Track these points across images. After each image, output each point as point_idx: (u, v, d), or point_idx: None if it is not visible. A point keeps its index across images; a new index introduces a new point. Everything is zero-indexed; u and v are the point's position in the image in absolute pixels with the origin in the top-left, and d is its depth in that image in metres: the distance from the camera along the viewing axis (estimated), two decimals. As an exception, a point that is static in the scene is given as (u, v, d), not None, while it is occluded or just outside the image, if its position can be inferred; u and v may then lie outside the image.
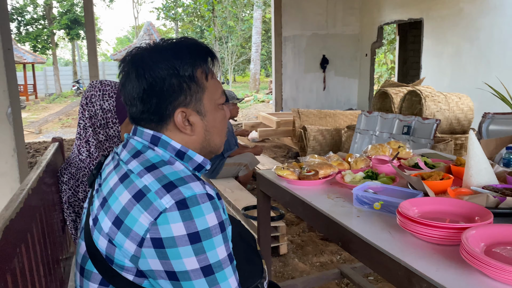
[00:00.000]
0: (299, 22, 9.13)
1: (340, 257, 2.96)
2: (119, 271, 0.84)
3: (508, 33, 5.87)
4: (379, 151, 1.90)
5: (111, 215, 0.83)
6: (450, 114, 4.26)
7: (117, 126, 1.60)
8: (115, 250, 0.83)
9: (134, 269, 0.83)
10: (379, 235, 1.21)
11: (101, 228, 0.85)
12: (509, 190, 1.35)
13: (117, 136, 1.62)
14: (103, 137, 1.59)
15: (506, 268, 0.89)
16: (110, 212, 0.84)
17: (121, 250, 0.82)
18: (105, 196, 0.87)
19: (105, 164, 0.99)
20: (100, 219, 0.85)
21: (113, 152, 0.99)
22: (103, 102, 1.56)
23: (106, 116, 1.57)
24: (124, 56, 0.92)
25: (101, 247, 0.85)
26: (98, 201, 0.88)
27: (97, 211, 0.87)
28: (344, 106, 9.57)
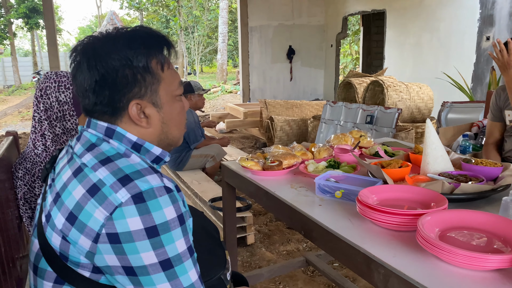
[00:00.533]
0: (266, 12, 9.11)
1: (306, 245, 3.00)
2: (75, 268, 0.81)
3: (466, 24, 6.07)
4: (342, 141, 1.92)
5: (65, 211, 0.81)
6: (411, 104, 4.39)
7: (74, 119, 1.54)
8: (70, 247, 0.80)
9: (90, 265, 0.81)
10: (340, 223, 1.23)
11: (54, 224, 0.82)
12: (463, 176, 1.40)
13: (75, 129, 1.57)
14: (60, 130, 1.53)
15: (459, 252, 0.93)
16: (64, 208, 0.81)
17: (76, 247, 0.79)
18: (58, 191, 0.84)
19: (59, 158, 0.95)
20: (53, 215, 0.82)
21: (67, 146, 0.96)
22: (59, 94, 1.50)
23: (62, 109, 1.51)
24: (75, 46, 0.89)
25: (55, 244, 0.82)
26: (51, 197, 0.85)
27: (50, 207, 0.84)
28: (311, 96, 9.67)
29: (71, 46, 18.35)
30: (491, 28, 5.76)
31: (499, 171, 1.46)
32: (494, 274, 0.92)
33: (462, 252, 0.92)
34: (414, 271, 0.96)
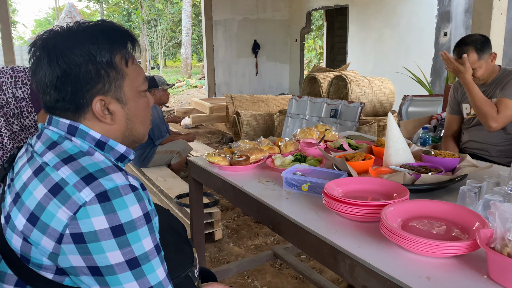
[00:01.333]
0: (230, 6, 9.07)
1: (273, 238, 3.03)
2: (37, 270, 0.79)
3: (425, 20, 6.28)
4: (307, 135, 1.95)
5: (25, 211, 0.78)
6: (373, 98, 4.50)
7: (33, 116, 1.48)
8: (31, 249, 0.77)
9: (53, 267, 0.78)
10: (307, 216, 1.25)
11: (15, 226, 0.78)
12: (424, 167, 1.45)
13: (33, 126, 1.51)
14: (18, 128, 1.47)
15: (420, 241, 0.97)
16: (24, 209, 0.78)
17: (38, 248, 0.77)
18: (18, 192, 0.81)
19: (17, 156, 0.92)
20: (13, 216, 0.79)
21: (27, 144, 0.92)
22: (16, 90, 1.44)
23: (20, 105, 1.45)
24: (34, 40, 0.85)
25: (15, 246, 0.79)
26: (11, 197, 0.82)
27: (9, 208, 0.81)
28: (276, 91, 9.73)
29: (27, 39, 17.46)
30: (448, 24, 5.98)
31: (457, 162, 1.52)
32: (453, 260, 0.97)
33: (423, 241, 0.96)
34: (378, 260, 0.99)
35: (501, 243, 0.87)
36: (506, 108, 2.11)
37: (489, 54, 2.19)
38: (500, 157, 2.27)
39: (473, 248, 0.95)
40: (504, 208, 0.87)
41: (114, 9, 21.36)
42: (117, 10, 21.11)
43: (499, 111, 2.12)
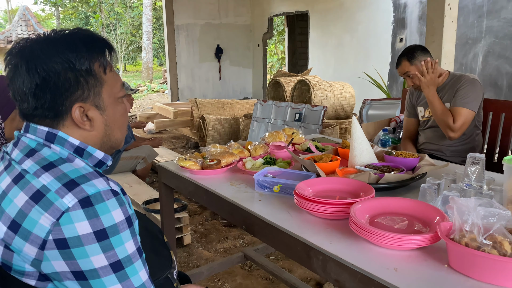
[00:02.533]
0: (192, 11, 9.05)
1: (243, 241, 3.07)
2: (19, 278, 0.79)
3: (382, 26, 6.53)
4: (276, 138, 2.01)
5: (6, 219, 0.78)
6: (335, 101, 4.64)
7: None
8: (13, 256, 0.78)
9: (36, 273, 0.79)
10: (279, 216, 1.30)
11: None
12: (386, 167, 1.54)
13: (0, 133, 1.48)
14: (-16, 136, 1.44)
15: (386, 235, 1.04)
16: (5, 216, 0.78)
17: (20, 255, 0.77)
18: None
19: None
20: None
21: (2, 152, 0.92)
22: (-19, 98, 1.41)
23: (-15, 113, 1.42)
24: (11, 49, 0.85)
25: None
26: None
27: None
28: (240, 95, 9.78)
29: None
30: (404, 30, 6.25)
31: (416, 161, 1.62)
32: (417, 252, 1.05)
33: (390, 235, 1.03)
34: (349, 254, 1.05)
35: (459, 234, 0.95)
36: (460, 116, 2.24)
37: (420, 61, 2.33)
38: (454, 156, 2.42)
39: (434, 240, 1.03)
40: (462, 202, 0.96)
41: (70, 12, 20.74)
42: (74, 13, 20.52)
43: (455, 121, 2.25)
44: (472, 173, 1.25)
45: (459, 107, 2.26)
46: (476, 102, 2.28)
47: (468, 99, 2.26)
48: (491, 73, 5.18)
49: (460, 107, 2.25)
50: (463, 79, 2.31)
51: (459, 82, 2.32)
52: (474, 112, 2.27)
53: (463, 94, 2.26)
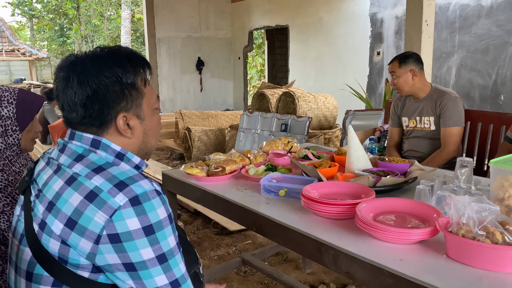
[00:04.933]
0: (173, 24, 9.16)
1: (235, 248, 3.15)
2: (74, 270, 0.87)
3: (360, 40, 6.79)
4: (273, 147, 2.12)
5: (62, 217, 0.86)
6: (319, 112, 4.81)
7: (17, 134, 1.51)
8: (69, 250, 0.86)
9: (90, 266, 0.87)
10: (288, 217, 1.41)
11: (51, 231, 0.86)
12: (382, 172, 1.67)
13: (16, 144, 1.53)
14: (2, 146, 1.50)
15: (391, 230, 1.16)
16: (61, 215, 0.86)
17: (77, 250, 0.85)
18: (50, 200, 0.89)
19: (37, 170, 0.99)
20: (48, 222, 0.87)
21: (45, 158, 1.00)
22: (1, 109, 1.47)
23: (5, 124, 1.48)
24: (61, 64, 0.94)
25: (53, 250, 0.86)
26: (43, 206, 0.89)
27: (43, 215, 0.88)
28: (221, 106, 9.90)
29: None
30: (381, 44, 6.52)
31: (407, 166, 1.76)
32: (418, 245, 1.17)
33: (394, 229, 1.16)
34: (357, 248, 1.16)
35: (456, 227, 1.08)
36: (452, 136, 2.49)
37: (409, 68, 2.54)
38: (437, 163, 2.59)
39: (434, 233, 1.15)
40: (458, 199, 1.09)
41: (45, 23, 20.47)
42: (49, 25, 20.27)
43: (447, 142, 2.49)
44: (461, 175, 1.39)
45: (450, 127, 2.49)
46: (462, 118, 2.52)
47: (456, 118, 2.49)
48: (464, 85, 5.47)
49: (451, 127, 2.49)
50: (446, 97, 2.52)
51: (441, 98, 2.53)
52: (463, 127, 2.52)
53: (449, 114, 2.49)
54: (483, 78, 5.28)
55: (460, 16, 5.41)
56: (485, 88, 5.27)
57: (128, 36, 16.44)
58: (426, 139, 2.65)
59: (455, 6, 5.45)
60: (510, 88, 5.03)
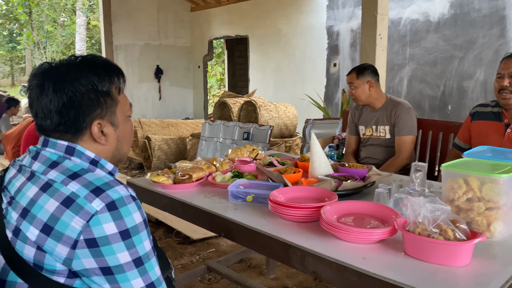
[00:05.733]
0: (131, 32, 9.05)
1: (199, 256, 3.15)
2: (50, 276, 0.87)
3: (317, 52, 7.01)
4: (239, 154, 2.17)
5: (38, 223, 0.86)
6: (280, 121, 4.92)
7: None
8: (45, 256, 0.86)
9: (66, 271, 0.87)
10: (256, 221, 1.45)
11: (26, 237, 0.86)
12: (343, 177, 1.76)
13: None
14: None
15: (353, 230, 1.24)
16: (36, 221, 0.86)
17: (53, 255, 0.86)
18: (25, 207, 0.89)
19: (8, 177, 0.98)
20: (23, 229, 0.87)
21: (16, 165, 0.99)
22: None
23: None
24: (35, 71, 0.95)
25: (28, 256, 0.86)
26: (16, 213, 0.89)
27: (17, 222, 0.88)
28: (181, 115, 9.83)
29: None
30: (337, 56, 6.76)
31: (366, 171, 1.87)
32: (378, 244, 1.25)
33: (356, 230, 1.23)
34: (323, 249, 1.23)
35: (413, 226, 1.17)
36: (405, 143, 2.65)
37: (366, 80, 2.69)
38: (392, 169, 2.74)
39: (393, 233, 1.24)
40: (414, 200, 1.18)
41: (-8, 28, 19.54)
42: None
43: (401, 149, 2.65)
44: (416, 178, 1.50)
45: (404, 136, 2.65)
46: (415, 127, 2.69)
47: (409, 127, 2.66)
48: (415, 96, 5.78)
49: (405, 136, 2.65)
50: (400, 108, 2.68)
51: (395, 108, 2.69)
52: (416, 136, 2.69)
53: (403, 123, 2.65)
54: (432, 89, 5.60)
55: (411, 31, 5.73)
56: (434, 98, 5.59)
57: (83, 43, 16.02)
58: (382, 146, 2.79)
59: (406, 21, 5.77)
60: (456, 98, 5.38)
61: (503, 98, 2.09)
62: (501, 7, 4.87)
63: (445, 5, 5.34)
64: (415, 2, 5.64)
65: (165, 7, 9.42)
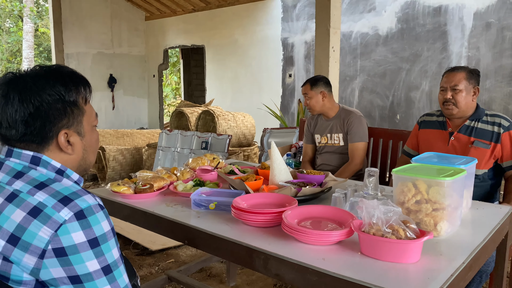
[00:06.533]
0: (83, 40, 8.82)
1: (158, 267, 3.12)
2: (16, 287, 0.86)
3: (273, 62, 7.16)
4: (200, 163, 2.20)
5: (4, 234, 0.86)
6: (238, 130, 4.97)
7: None
8: (12, 267, 0.85)
9: (33, 281, 0.87)
10: (220, 228, 1.49)
11: None
12: (302, 183, 1.84)
13: None
14: None
15: (313, 233, 1.30)
16: (2, 232, 0.86)
17: (20, 266, 0.85)
18: None
19: None
20: None
21: None
22: None
23: None
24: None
25: None
26: None
27: None
28: (135, 125, 9.66)
29: None
30: (292, 67, 6.94)
31: (323, 178, 1.95)
32: (336, 246, 1.32)
33: (316, 232, 1.30)
34: (285, 252, 1.28)
35: (368, 227, 1.26)
36: (358, 150, 2.79)
37: (319, 90, 2.82)
38: (346, 175, 2.87)
39: (349, 234, 1.32)
40: (368, 203, 1.27)
41: None
42: None
43: (354, 156, 2.78)
44: (370, 183, 1.60)
45: (356, 142, 2.79)
46: (366, 134, 2.84)
47: (361, 134, 2.80)
48: (366, 106, 6.04)
49: (357, 142, 2.78)
50: (352, 116, 2.83)
51: (348, 117, 2.83)
52: (367, 142, 2.83)
53: (355, 131, 2.79)
54: (382, 99, 5.88)
55: (361, 44, 6.00)
56: (384, 108, 5.87)
57: (31, 50, 15.37)
58: (336, 153, 2.92)
59: (356, 34, 6.04)
60: (404, 108, 5.68)
61: (447, 109, 2.26)
62: (443, 23, 5.22)
63: (393, 19, 5.65)
64: (365, 17, 5.92)
65: (119, 15, 9.27)
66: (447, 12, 5.18)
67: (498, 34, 4.82)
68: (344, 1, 6.04)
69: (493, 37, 4.86)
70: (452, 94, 2.22)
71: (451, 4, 5.14)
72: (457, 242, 1.37)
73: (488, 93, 4.93)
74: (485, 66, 4.92)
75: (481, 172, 2.19)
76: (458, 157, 1.75)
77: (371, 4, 5.84)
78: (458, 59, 5.14)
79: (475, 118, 2.25)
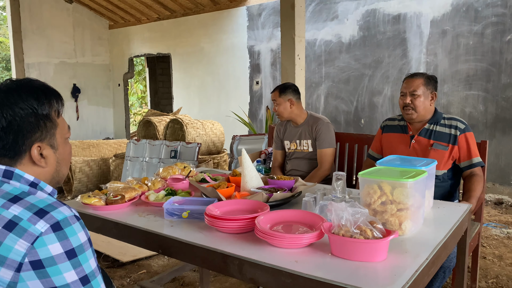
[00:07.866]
0: (44, 49, 8.61)
1: (130, 279, 3.08)
2: (-8, 303, 0.86)
3: (240, 70, 7.22)
4: (170, 172, 2.20)
5: None
6: (207, 138, 4.98)
7: None
8: None
9: (9, 296, 0.87)
10: (193, 235, 1.51)
11: None
12: (273, 188, 1.88)
13: None
14: None
15: (286, 236, 1.35)
16: None
17: (-5, 281, 0.85)
18: None
19: None
20: None
21: None
22: None
23: None
24: (-31, 95, 0.94)
25: None
26: None
27: None
28: (101, 135, 9.47)
29: None
30: (259, 74, 7.03)
31: (293, 183, 2.01)
32: (308, 248, 1.37)
33: (288, 236, 1.35)
34: (259, 256, 1.32)
35: (337, 228, 1.31)
36: (326, 155, 2.87)
37: (288, 98, 2.89)
38: (315, 179, 2.94)
39: (320, 236, 1.37)
40: (337, 205, 1.32)
41: None
42: None
43: (323, 161, 2.86)
44: (337, 186, 1.66)
45: (324, 148, 2.87)
46: (334, 140, 2.93)
47: (329, 140, 2.89)
48: (331, 111, 6.19)
49: (325, 148, 2.87)
50: (320, 123, 2.92)
51: (316, 123, 2.91)
52: (335, 148, 2.92)
53: (323, 137, 2.87)
54: (346, 104, 6.04)
55: (325, 51, 6.16)
56: (349, 113, 6.04)
57: (-13, 60, 14.79)
58: (306, 159, 2.99)
59: (320, 42, 6.19)
60: (368, 113, 5.86)
61: (407, 114, 2.37)
62: (402, 30, 5.45)
63: (355, 27, 5.84)
64: (328, 25, 6.09)
65: (82, 24, 9.11)
66: (405, 20, 5.41)
67: (453, 41, 5.08)
68: (308, 9, 6.18)
69: (448, 43, 5.11)
70: (411, 99, 2.33)
71: (409, 12, 5.37)
72: (421, 239, 1.45)
73: (446, 97, 5.18)
74: (443, 71, 5.17)
75: (441, 172, 2.31)
76: (419, 159, 1.85)
77: (333, 12, 6.02)
78: (418, 65, 5.36)
79: (433, 121, 2.38)
